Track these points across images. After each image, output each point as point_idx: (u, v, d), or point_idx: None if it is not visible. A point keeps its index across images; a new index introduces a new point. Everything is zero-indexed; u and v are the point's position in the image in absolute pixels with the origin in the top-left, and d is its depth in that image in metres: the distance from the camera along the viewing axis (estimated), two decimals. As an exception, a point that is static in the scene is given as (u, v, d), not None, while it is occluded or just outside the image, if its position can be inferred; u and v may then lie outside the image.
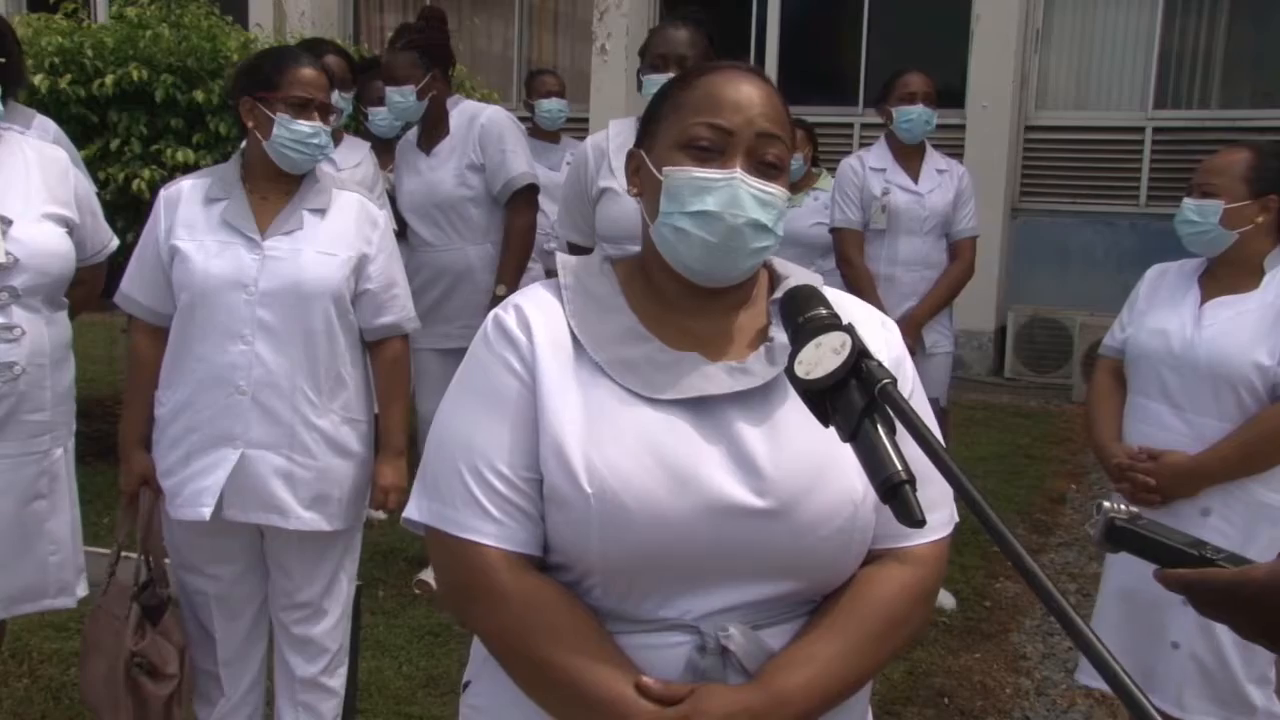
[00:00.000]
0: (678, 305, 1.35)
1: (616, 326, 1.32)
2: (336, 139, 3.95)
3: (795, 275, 1.40)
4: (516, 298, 1.36)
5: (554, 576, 1.28)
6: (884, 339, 1.37)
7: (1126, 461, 2.55)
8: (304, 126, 2.45)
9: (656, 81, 2.92)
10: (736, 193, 1.28)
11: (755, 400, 1.28)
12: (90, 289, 2.75)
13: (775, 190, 1.30)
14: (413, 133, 4.24)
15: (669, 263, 1.33)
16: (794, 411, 1.26)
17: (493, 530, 1.25)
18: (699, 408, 1.26)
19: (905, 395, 1.33)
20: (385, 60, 4.21)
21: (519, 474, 1.26)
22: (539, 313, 1.32)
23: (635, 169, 1.39)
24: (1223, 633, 2.45)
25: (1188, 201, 2.58)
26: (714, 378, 1.28)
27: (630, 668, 1.22)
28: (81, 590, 2.62)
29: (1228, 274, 2.57)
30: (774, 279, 1.41)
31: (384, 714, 3.20)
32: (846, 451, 1.25)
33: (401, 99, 4.02)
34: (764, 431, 1.26)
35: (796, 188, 4.76)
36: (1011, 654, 3.78)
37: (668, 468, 1.22)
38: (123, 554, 2.57)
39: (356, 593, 2.70)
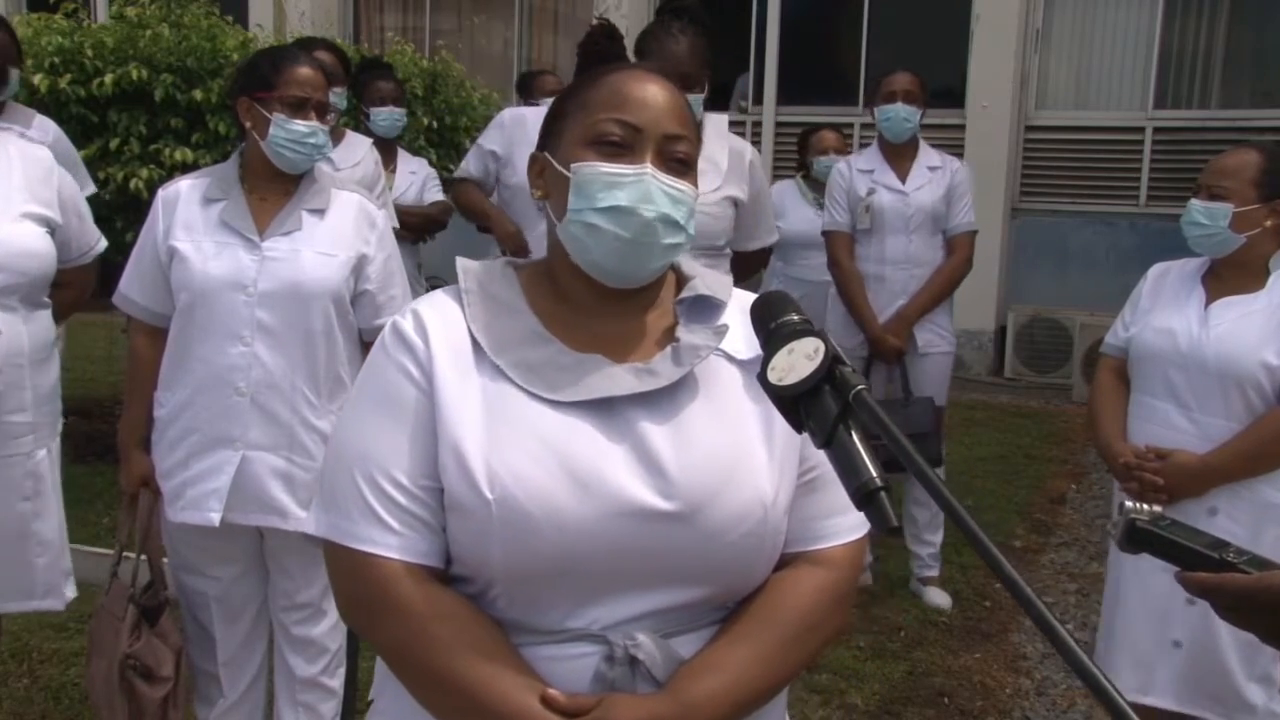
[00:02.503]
0: (583, 308, 1.31)
1: (518, 329, 1.28)
2: (337, 137, 3.95)
3: (702, 276, 1.37)
4: (415, 303, 1.32)
5: (457, 589, 1.25)
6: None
7: (1134, 461, 2.55)
8: (300, 126, 2.44)
9: None
10: (648, 187, 1.25)
11: (661, 402, 1.25)
12: (79, 292, 2.70)
13: (685, 187, 1.29)
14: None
15: (578, 263, 1.29)
16: (701, 413, 1.26)
17: (391, 541, 1.21)
18: (603, 410, 1.23)
19: None
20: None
21: (417, 483, 1.22)
22: (437, 317, 1.29)
23: (539, 171, 1.35)
24: (1224, 632, 2.45)
25: (1195, 203, 2.56)
26: (618, 379, 1.24)
27: (535, 680, 1.19)
28: (70, 592, 2.60)
29: (1232, 274, 2.56)
30: (680, 280, 1.38)
31: (384, 714, 3.20)
32: (756, 454, 1.25)
33: None
34: (670, 433, 1.23)
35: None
36: (1011, 654, 3.77)
37: (571, 471, 1.19)
38: (124, 554, 2.57)
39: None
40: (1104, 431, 2.69)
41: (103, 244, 2.73)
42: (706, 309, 1.33)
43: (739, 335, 1.30)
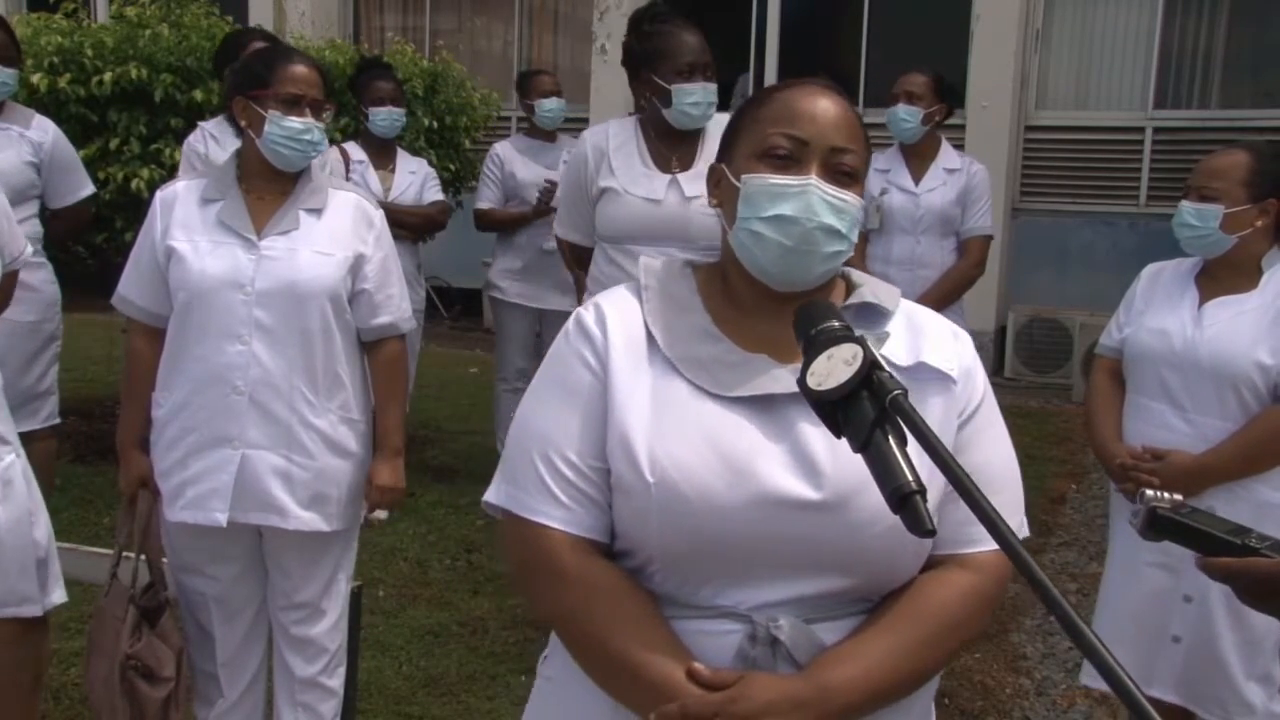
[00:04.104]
0: (753, 309, 1.39)
1: (691, 326, 1.37)
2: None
3: (870, 285, 1.44)
4: (599, 297, 1.43)
5: (619, 563, 1.34)
6: (954, 350, 1.39)
7: (1130, 461, 2.55)
8: (295, 123, 2.44)
9: (690, 92, 2.91)
10: (810, 199, 1.33)
11: None
12: (3, 298, 2.63)
13: (849, 197, 1.36)
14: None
15: (746, 267, 1.38)
16: None
17: (559, 515, 1.32)
18: (764, 406, 1.30)
19: (975, 405, 1.36)
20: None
21: (588, 463, 1.32)
22: (616, 311, 1.39)
23: (716, 182, 1.44)
24: (1223, 630, 2.45)
25: (1186, 205, 2.57)
26: (780, 378, 1.31)
27: (683, 653, 1.26)
28: (54, 598, 2.42)
29: (1225, 274, 2.57)
30: (850, 287, 1.45)
31: (384, 714, 3.20)
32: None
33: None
34: (825, 433, 1.26)
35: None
36: (1011, 654, 3.78)
37: (727, 461, 1.27)
38: (124, 555, 2.57)
39: (357, 592, 2.69)
40: (1100, 432, 2.70)
41: (29, 250, 2.64)
42: (872, 315, 1.40)
43: (901, 343, 1.37)
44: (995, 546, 1.30)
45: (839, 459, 1.26)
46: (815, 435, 1.28)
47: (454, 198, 5.85)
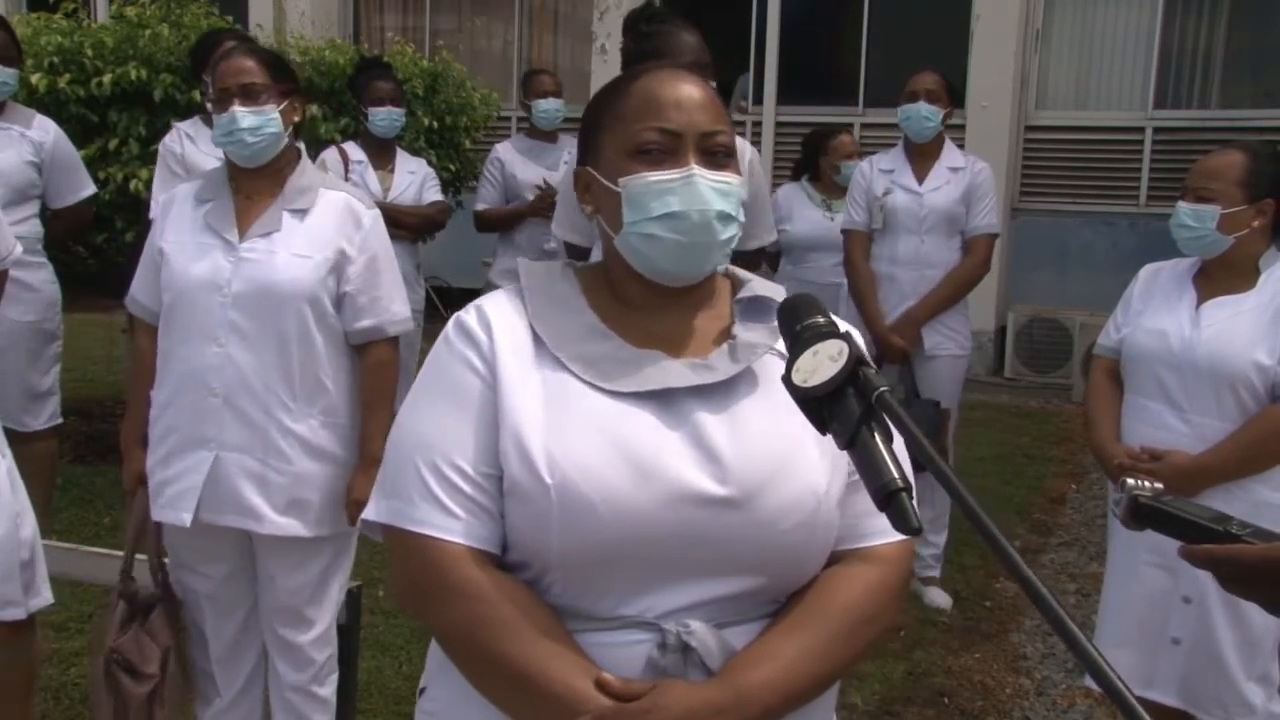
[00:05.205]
0: (641, 307, 1.35)
1: (578, 325, 1.32)
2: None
3: (754, 281, 1.41)
4: (480, 300, 1.36)
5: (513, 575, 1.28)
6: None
7: (1128, 462, 2.55)
8: (223, 118, 2.45)
9: None
10: (697, 188, 1.28)
11: (717, 395, 1.28)
12: None
13: (730, 178, 1.31)
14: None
15: (638, 269, 1.33)
16: (756, 407, 1.28)
17: (455, 526, 1.24)
18: (661, 401, 1.26)
19: None
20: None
21: (479, 470, 1.25)
22: (499, 313, 1.33)
23: (585, 186, 1.39)
24: (1223, 631, 2.45)
25: (1183, 206, 2.57)
26: (676, 372, 1.28)
27: (589, 664, 1.21)
28: (39, 600, 2.40)
29: (1223, 275, 2.57)
30: (736, 283, 1.42)
31: (384, 714, 3.20)
32: (809, 446, 1.26)
33: None
34: (725, 422, 1.26)
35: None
36: (1011, 654, 3.77)
37: (628, 458, 1.22)
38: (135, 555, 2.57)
39: (356, 593, 2.68)
40: (1098, 433, 2.69)
41: (18, 250, 2.64)
42: (763, 309, 1.37)
43: None
44: (897, 538, 1.30)
45: (741, 453, 1.24)
46: (714, 425, 1.25)
47: (454, 198, 5.85)
